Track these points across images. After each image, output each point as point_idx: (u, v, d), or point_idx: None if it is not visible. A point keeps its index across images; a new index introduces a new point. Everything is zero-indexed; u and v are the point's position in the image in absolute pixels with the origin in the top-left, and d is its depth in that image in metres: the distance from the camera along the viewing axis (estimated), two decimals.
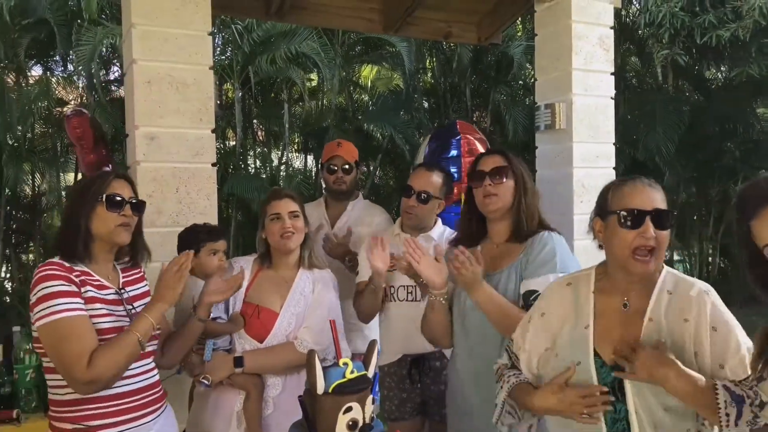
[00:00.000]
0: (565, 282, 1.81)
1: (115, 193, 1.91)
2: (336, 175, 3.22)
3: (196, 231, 2.51)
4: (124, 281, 2.00)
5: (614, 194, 1.68)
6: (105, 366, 1.77)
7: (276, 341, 2.32)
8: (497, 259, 2.18)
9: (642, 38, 8.93)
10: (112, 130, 8.60)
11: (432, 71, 10.42)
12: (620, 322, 1.67)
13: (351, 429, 1.47)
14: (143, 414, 1.92)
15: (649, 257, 1.61)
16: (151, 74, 2.95)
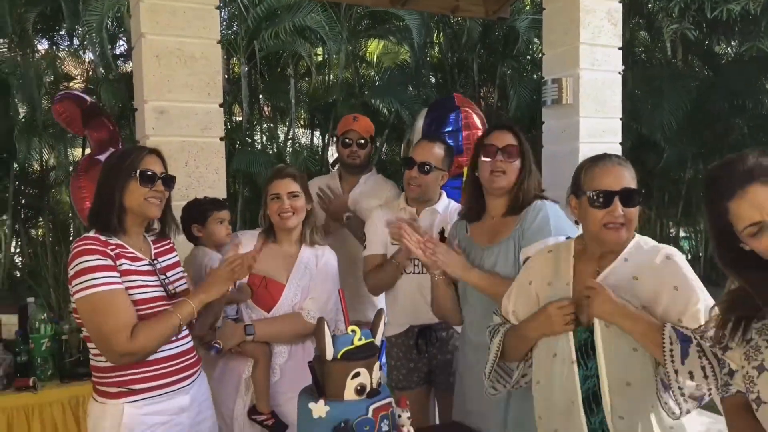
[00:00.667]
0: (547, 250, 1.95)
1: (148, 168, 1.97)
2: (350, 149, 3.25)
3: (201, 203, 2.56)
4: (155, 252, 2.06)
5: (586, 174, 1.79)
6: (146, 341, 1.87)
7: (282, 311, 2.38)
8: (495, 233, 2.22)
9: (651, 12, 8.84)
10: (119, 105, 8.63)
11: (439, 46, 10.35)
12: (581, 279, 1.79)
13: (359, 393, 1.52)
14: (182, 377, 2.00)
15: (620, 227, 1.74)
16: (159, 48, 2.97)
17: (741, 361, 1.42)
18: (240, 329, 2.31)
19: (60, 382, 2.89)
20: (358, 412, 1.49)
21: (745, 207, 1.33)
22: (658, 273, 1.72)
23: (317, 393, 1.55)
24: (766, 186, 1.32)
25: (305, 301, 2.39)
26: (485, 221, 2.28)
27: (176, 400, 1.98)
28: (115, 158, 2.03)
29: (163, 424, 1.95)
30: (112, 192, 1.94)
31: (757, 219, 1.32)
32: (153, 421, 1.93)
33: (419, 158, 2.61)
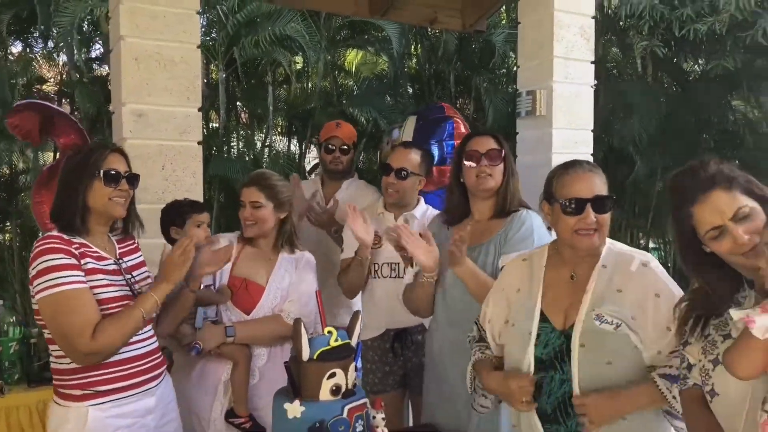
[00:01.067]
0: (521, 258, 1.98)
1: (112, 167, 1.96)
2: (333, 155, 3.29)
3: (179, 205, 2.56)
4: (120, 252, 2.06)
5: (558, 181, 1.82)
6: (109, 339, 1.84)
7: (262, 313, 2.40)
8: (478, 234, 2.28)
9: (623, 29, 9.04)
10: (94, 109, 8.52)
11: (417, 57, 10.44)
12: (567, 292, 1.83)
13: (334, 394, 1.55)
14: (148, 378, 2.00)
15: (593, 233, 1.78)
16: (138, 51, 2.98)
17: (699, 356, 1.50)
18: (220, 331, 2.31)
19: (27, 386, 2.86)
20: (333, 413, 1.52)
21: (707, 212, 1.41)
22: (638, 282, 1.76)
23: (293, 393, 1.57)
24: (726, 192, 1.40)
25: (285, 304, 2.41)
26: (476, 222, 2.34)
27: (142, 402, 1.97)
28: (78, 157, 2.01)
29: (128, 426, 1.93)
30: (75, 192, 1.93)
31: (718, 223, 1.39)
32: (118, 423, 1.90)
33: (396, 164, 2.67)
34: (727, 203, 1.39)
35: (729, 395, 1.41)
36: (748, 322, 1.26)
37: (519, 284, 1.90)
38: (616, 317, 1.72)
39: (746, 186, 1.42)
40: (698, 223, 1.43)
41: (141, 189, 2.99)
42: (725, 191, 1.41)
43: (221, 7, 8.07)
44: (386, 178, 2.69)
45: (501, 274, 2.02)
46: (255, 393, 2.38)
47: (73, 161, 2.01)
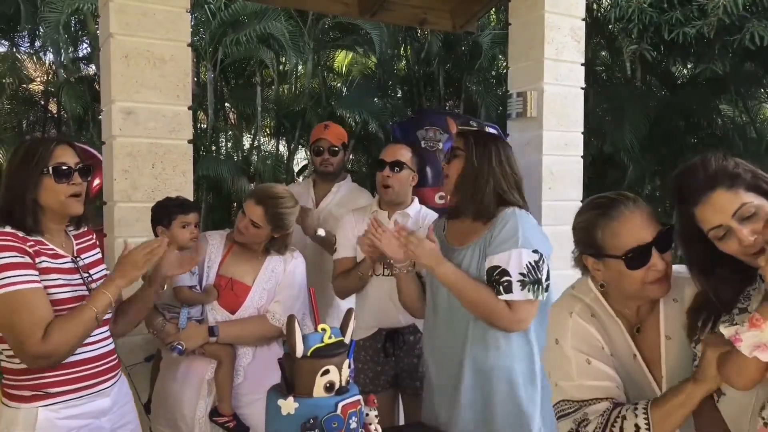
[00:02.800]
0: (589, 312, 1.62)
1: (61, 162, 1.83)
2: (322, 157, 3.28)
3: (168, 204, 2.52)
4: (78, 248, 1.96)
5: (605, 233, 1.52)
6: (60, 340, 1.74)
7: (247, 314, 2.37)
8: (464, 235, 2.24)
9: (612, 33, 9.11)
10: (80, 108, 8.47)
11: (406, 59, 10.47)
12: (641, 343, 1.59)
13: (328, 390, 1.53)
14: (102, 380, 1.91)
15: (664, 277, 1.53)
16: (128, 49, 2.95)
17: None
18: (204, 330, 2.30)
19: None
20: (326, 409, 1.51)
21: (708, 212, 1.35)
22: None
23: (286, 390, 1.56)
24: (727, 190, 1.34)
25: (271, 304, 2.40)
26: (462, 222, 2.29)
27: (96, 403, 1.89)
28: (21, 153, 1.85)
29: (81, 428, 1.86)
30: (22, 191, 1.80)
31: (719, 223, 1.34)
32: (70, 425, 1.83)
33: (390, 158, 2.68)
34: (729, 202, 1.32)
35: (734, 396, 1.38)
36: (735, 341, 1.23)
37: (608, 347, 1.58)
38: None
39: (752, 182, 1.34)
40: (701, 223, 1.37)
41: (131, 187, 2.99)
42: (727, 190, 1.33)
43: (208, 7, 8.06)
44: (381, 173, 2.69)
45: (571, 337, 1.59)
46: (239, 392, 2.36)
47: (17, 158, 1.84)
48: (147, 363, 2.76)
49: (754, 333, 1.21)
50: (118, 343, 2.86)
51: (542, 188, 3.77)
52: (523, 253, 2.07)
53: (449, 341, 2.19)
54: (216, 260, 2.43)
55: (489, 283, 2.09)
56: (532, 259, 2.08)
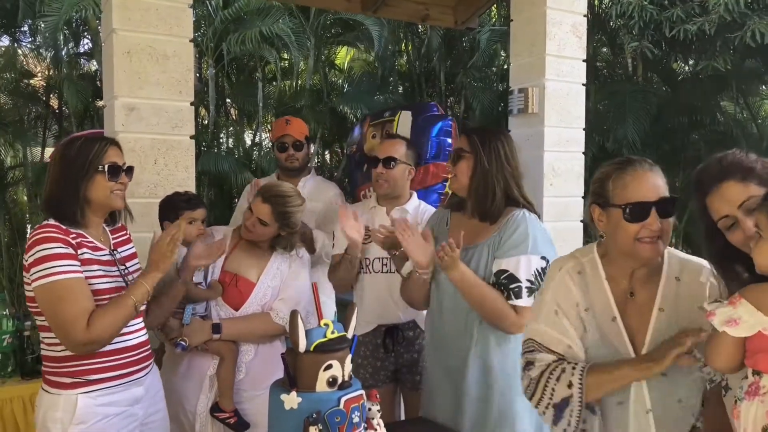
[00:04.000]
0: (576, 269, 1.71)
1: (113, 161, 1.98)
2: (287, 153, 3.28)
3: (175, 200, 2.55)
4: (114, 242, 2.07)
5: (615, 184, 1.61)
6: (103, 328, 1.84)
7: (251, 310, 2.39)
8: (472, 234, 2.25)
9: (613, 30, 9.09)
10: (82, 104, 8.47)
11: (407, 55, 10.45)
12: (631, 309, 1.65)
13: (331, 385, 1.55)
14: (137, 369, 2.00)
15: (656, 240, 1.60)
16: (130, 44, 2.96)
17: None
18: (207, 327, 2.31)
19: (21, 379, 2.85)
20: (329, 404, 1.52)
21: (717, 201, 1.40)
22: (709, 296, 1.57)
23: (289, 384, 1.57)
24: (738, 182, 1.38)
25: (275, 302, 2.40)
26: (467, 219, 2.29)
27: (131, 392, 1.98)
28: (76, 149, 1.98)
29: (117, 414, 1.93)
30: (76, 185, 1.92)
31: (726, 212, 1.38)
32: (108, 411, 1.91)
33: (383, 154, 2.68)
34: (737, 193, 1.36)
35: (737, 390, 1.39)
36: (708, 315, 1.28)
37: (584, 302, 1.66)
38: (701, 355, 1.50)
39: (762, 177, 1.37)
40: (712, 212, 1.41)
41: (134, 183, 2.97)
42: (738, 182, 1.37)
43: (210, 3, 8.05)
44: (375, 170, 2.69)
45: (554, 286, 1.71)
46: (241, 388, 2.38)
47: (71, 153, 1.97)
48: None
49: (728, 309, 1.27)
50: None
51: (544, 184, 3.78)
52: (532, 260, 2.09)
53: (455, 339, 2.20)
54: (221, 256, 2.44)
55: (497, 285, 2.10)
56: (540, 266, 2.10)
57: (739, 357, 1.32)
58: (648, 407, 1.58)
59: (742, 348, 1.31)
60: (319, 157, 10.88)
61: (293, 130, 3.31)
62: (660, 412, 1.58)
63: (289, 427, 1.52)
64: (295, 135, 3.28)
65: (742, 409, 1.29)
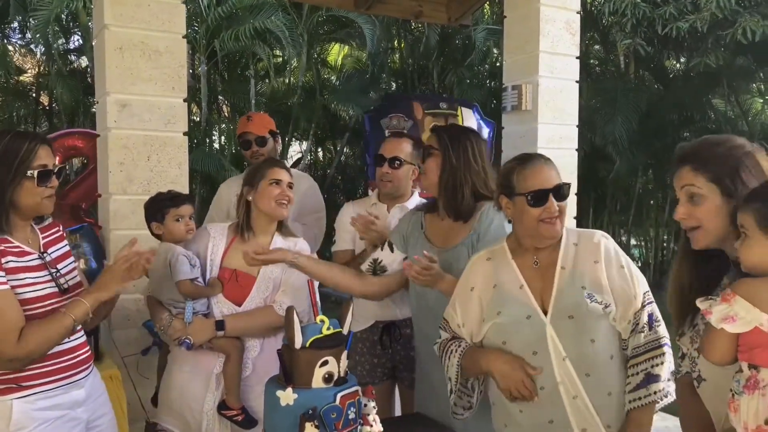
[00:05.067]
0: (485, 257, 1.97)
1: (43, 164, 1.80)
2: (251, 150, 3.22)
3: (159, 199, 2.48)
4: (45, 243, 1.91)
5: (518, 176, 1.86)
6: (36, 345, 1.74)
7: (254, 305, 2.34)
8: (447, 236, 2.24)
9: (606, 27, 9.13)
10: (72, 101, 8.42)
11: (400, 52, 10.45)
12: (537, 277, 1.87)
13: (327, 381, 1.54)
14: (74, 372, 1.90)
15: (555, 220, 1.84)
16: (122, 40, 2.93)
17: (688, 345, 1.54)
18: (210, 325, 2.27)
19: None
20: (325, 400, 1.51)
21: (675, 181, 1.52)
22: (604, 253, 1.85)
23: (285, 381, 1.56)
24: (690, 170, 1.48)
25: (277, 294, 2.36)
26: (441, 221, 2.28)
27: (71, 395, 1.88)
28: (0, 150, 1.77)
29: (58, 418, 1.84)
30: (2, 191, 1.76)
31: (677, 190, 1.51)
32: (47, 416, 1.82)
33: (389, 154, 2.66)
34: (683, 178, 1.48)
35: (713, 381, 1.46)
36: (706, 313, 1.32)
37: (493, 280, 1.91)
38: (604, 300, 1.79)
39: (719, 176, 1.44)
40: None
41: (126, 180, 2.98)
42: (690, 169, 1.47)
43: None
44: (380, 169, 2.68)
45: (464, 274, 1.99)
46: (248, 385, 2.34)
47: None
48: (143, 355, 2.75)
49: (724, 306, 1.30)
50: (114, 336, 2.88)
51: None
52: None
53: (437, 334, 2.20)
54: (219, 252, 2.40)
55: None
56: None
57: (734, 351, 1.35)
58: (563, 354, 1.77)
59: (736, 342, 1.33)
60: (311, 155, 10.87)
61: (254, 126, 3.20)
62: (576, 354, 1.77)
63: (285, 423, 1.52)
64: (257, 131, 3.19)
65: (742, 403, 1.31)
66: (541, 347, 1.79)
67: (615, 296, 1.81)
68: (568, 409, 1.77)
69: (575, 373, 1.77)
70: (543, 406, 1.80)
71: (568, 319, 1.78)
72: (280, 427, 1.54)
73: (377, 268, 2.38)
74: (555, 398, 1.78)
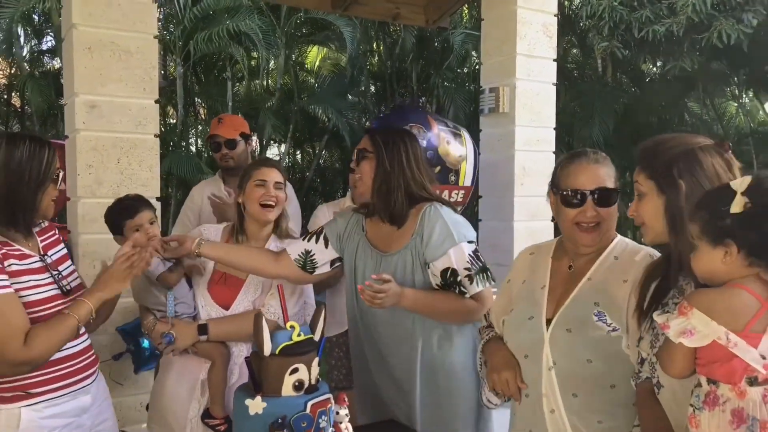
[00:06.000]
0: (529, 252, 1.92)
1: (59, 167, 1.85)
2: (221, 152, 3.18)
3: (114, 212, 2.29)
4: (44, 245, 1.91)
5: (562, 171, 1.76)
6: (42, 348, 1.73)
7: (242, 308, 2.26)
8: (388, 240, 2.16)
9: (583, 30, 9.20)
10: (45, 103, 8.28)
11: (379, 55, 10.43)
12: (563, 282, 1.76)
13: (297, 389, 1.49)
14: (83, 377, 1.88)
15: (592, 229, 1.71)
16: (91, 40, 2.86)
17: (648, 349, 1.49)
18: (193, 329, 2.19)
19: None
20: (295, 408, 1.47)
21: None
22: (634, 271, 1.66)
23: (254, 389, 1.52)
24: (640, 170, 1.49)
25: (267, 297, 2.29)
26: (382, 224, 2.19)
27: (78, 401, 1.86)
28: (27, 154, 1.79)
29: (64, 426, 1.82)
30: (33, 194, 1.78)
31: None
32: (54, 424, 1.79)
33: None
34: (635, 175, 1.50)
35: (672, 387, 1.43)
36: (664, 327, 1.27)
37: (525, 276, 1.85)
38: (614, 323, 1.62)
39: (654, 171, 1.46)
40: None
41: (95, 182, 2.90)
42: (638, 168, 1.49)
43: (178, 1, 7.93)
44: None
45: (512, 267, 1.95)
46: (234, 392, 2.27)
47: (21, 158, 1.78)
48: (115, 361, 2.69)
49: (681, 320, 1.25)
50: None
51: (515, 184, 3.77)
52: (464, 248, 2.04)
53: (396, 350, 2.14)
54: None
55: (445, 286, 2.06)
56: (471, 250, 2.06)
57: (692, 364, 1.31)
58: (550, 364, 1.67)
59: (694, 355, 1.29)
60: (290, 158, 10.80)
61: (224, 129, 3.15)
62: (565, 368, 1.66)
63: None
64: (226, 134, 3.12)
65: (702, 419, 1.27)
66: (534, 352, 1.70)
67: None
68: (547, 422, 1.68)
69: (558, 387, 1.66)
70: (524, 415, 1.75)
71: (566, 332, 1.67)
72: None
73: (307, 263, 2.24)
74: (537, 409, 1.70)
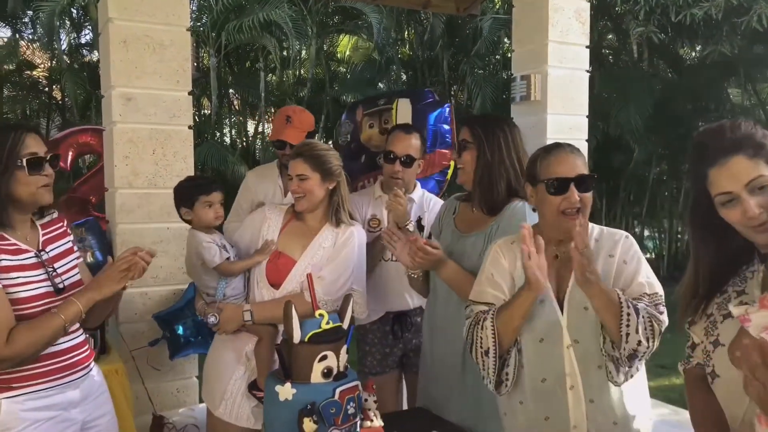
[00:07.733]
0: (510, 240, 1.96)
1: (33, 152, 1.76)
2: (284, 151, 3.12)
3: (188, 185, 2.45)
4: (44, 239, 1.87)
5: (541, 163, 1.84)
6: (25, 346, 1.70)
7: (290, 287, 2.29)
8: (472, 223, 2.22)
9: (618, 15, 9.01)
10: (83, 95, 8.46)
11: (410, 43, 10.39)
12: (554, 268, 1.85)
13: (326, 376, 1.53)
14: (69, 373, 1.85)
15: (577, 214, 1.80)
16: (127, 34, 2.92)
17: (702, 336, 1.44)
18: (239, 314, 2.26)
19: None
20: (324, 395, 1.50)
21: (723, 176, 1.32)
22: (621, 248, 1.83)
23: (284, 375, 1.55)
24: (748, 158, 1.30)
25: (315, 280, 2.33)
26: (472, 211, 2.25)
27: (65, 395, 1.83)
28: None
29: (49, 419, 1.80)
30: None
31: (729, 189, 1.31)
32: (37, 416, 1.77)
33: (400, 151, 2.64)
34: (746, 170, 1.29)
35: (730, 379, 1.35)
36: (743, 321, 1.17)
37: (510, 265, 1.90)
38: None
39: None
40: (712, 185, 1.34)
41: (132, 174, 2.98)
42: (747, 158, 1.30)
43: None
44: (391, 166, 2.65)
45: (490, 258, 1.94)
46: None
47: None
48: (151, 347, 2.77)
49: (764, 314, 1.15)
50: (122, 330, 2.89)
51: None
52: None
53: (449, 324, 2.18)
54: (273, 233, 2.38)
55: None
56: None
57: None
58: (569, 342, 1.76)
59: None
60: None
61: (292, 134, 2.98)
62: (583, 345, 1.75)
63: (283, 418, 1.51)
64: (294, 141, 2.91)
65: None
66: (551, 335, 1.78)
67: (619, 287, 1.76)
68: (569, 399, 1.74)
69: (576, 364, 1.75)
70: (544, 399, 1.77)
71: (583, 310, 1.76)
72: (278, 421, 1.53)
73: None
74: (558, 388, 1.75)
